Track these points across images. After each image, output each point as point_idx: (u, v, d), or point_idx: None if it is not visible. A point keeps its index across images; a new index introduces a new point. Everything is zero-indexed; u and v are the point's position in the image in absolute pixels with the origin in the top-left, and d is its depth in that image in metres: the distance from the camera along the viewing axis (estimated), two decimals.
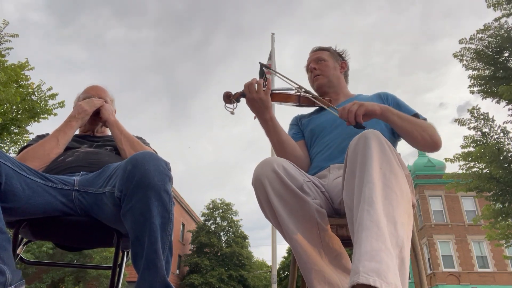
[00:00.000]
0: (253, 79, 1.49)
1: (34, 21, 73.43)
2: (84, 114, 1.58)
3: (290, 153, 1.54)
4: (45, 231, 1.29)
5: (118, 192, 1.09)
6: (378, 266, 0.76)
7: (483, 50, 9.10)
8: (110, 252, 16.28)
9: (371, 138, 1.01)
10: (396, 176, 0.95)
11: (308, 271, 1.08)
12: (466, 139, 9.54)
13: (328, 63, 1.74)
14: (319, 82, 1.72)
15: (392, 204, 0.89)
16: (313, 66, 1.75)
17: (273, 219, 1.19)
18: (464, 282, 19.93)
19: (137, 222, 1.04)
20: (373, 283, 0.73)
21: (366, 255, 0.78)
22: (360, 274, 0.75)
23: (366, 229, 0.83)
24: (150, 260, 1.01)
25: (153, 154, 1.12)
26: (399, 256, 0.83)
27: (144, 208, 1.04)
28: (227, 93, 1.51)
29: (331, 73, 1.73)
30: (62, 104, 8.44)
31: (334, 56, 1.79)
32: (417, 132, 1.41)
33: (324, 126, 1.60)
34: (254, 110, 1.49)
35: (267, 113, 1.49)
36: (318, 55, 1.77)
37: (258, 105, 1.46)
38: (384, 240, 0.81)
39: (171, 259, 1.07)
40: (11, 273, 0.94)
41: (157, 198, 1.05)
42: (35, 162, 1.38)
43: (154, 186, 1.05)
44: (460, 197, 21.72)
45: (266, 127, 1.52)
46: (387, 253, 0.80)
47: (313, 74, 1.74)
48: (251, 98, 1.46)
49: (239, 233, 28.04)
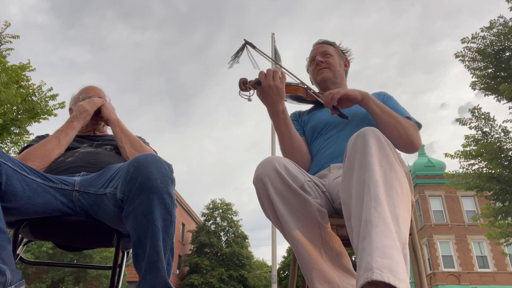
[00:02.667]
0: (268, 69, 1.44)
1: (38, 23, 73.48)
2: (86, 114, 1.58)
3: (298, 148, 1.51)
4: (45, 231, 1.29)
5: (120, 194, 1.09)
6: (390, 262, 0.76)
7: (485, 49, 9.11)
8: (110, 252, 16.28)
9: (370, 135, 1.00)
10: (396, 173, 0.95)
11: (308, 270, 1.08)
12: (467, 138, 9.57)
13: (334, 57, 1.72)
14: (324, 75, 1.68)
15: (394, 202, 0.89)
16: (320, 59, 1.70)
17: (273, 218, 1.19)
18: (464, 282, 19.92)
19: (139, 224, 1.04)
20: (387, 280, 0.73)
21: (378, 251, 0.78)
22: (374, 271, 0.75)
23: (376, 226, 0.83)
24: (151, 261, 1.01)
25: (156, 156, 1.12)
26: (403, 253, 0.83)
27: (146, 211, 1.04)
28: (243, 79, 1.41)
29: (337, 68, 1.70)
30: (62, 105, 8.44)
31: (339, 52, 1.77)
32: (393, 127, 1.38)
33: (324, 123, 1.59)
34: (267, 101, 1.43)
35: (281, 104, 1.43)
36: (324, 48, 1.74)
37: (274, 93, 1.40)
38: (393, 237, 0.82)
39: (172, 260, 1.08)
40: (11, 273, 0.94)
41: (160, 201, 1.05)
42: (36, 162, 1.38)
43: (156, 188, 1.05)
44: (460, 197, 21.72)
45: (277, 119, 1.45)
46: (396, 250, 0.80)
47: (319, 67, 1.70)
48: (267, 86, 1.39)
49: (239, 233, 28.04)
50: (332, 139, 1.52)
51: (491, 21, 9.10)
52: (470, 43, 9.25)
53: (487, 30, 9.09)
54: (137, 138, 1.60)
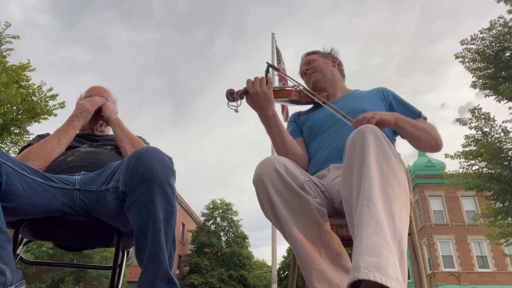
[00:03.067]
0: (255, 77, 1.49)
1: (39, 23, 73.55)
2: (86, 113, 1.58)
3: (290, 151, 1.54)
4: (45, 231, 1.29)
5: (122, 186, 1.10)
6: (378, 260, 0.77)
7: (484, 50, 9.12)
8: (110, 252, 16.28)
9: (368, 133, 1.01)
10: (393, 169, 0.95)
11: (308, 270, 1.08)
12: (467, 138, 9.58)
13: (317, 60, 1.79)
14: (314, 78, 1.76)
15: (389, 198, 0.90)
16: (305, 68, 1.80)
17: (273, 218, 1.19)
18: (464, 282, 19.92)
19: (141, 215, 1.05)
20: (373, 278, 0.74)
21: (366, 250, 0.79)
22: (361, 270, 0.75)
23: (366, 225, 0.83)
24: (153, 252, 1.02)
25: (157, 148, 1.13)
26: (399, 249, 0.83)
27: (148, 201, 1.04)
28: (230, 90, 1.48)
29: (323, 67, 1.77)
30: (62, 105, 8.45)
31: (323, 55, 1.84)
32: (424, 138, 1.46)
33: (322, 123, 1.61)
34: (256, 107, 1.48)
35: (270, 109, 1.48)
36: (307, 58, 1.84)
37: (262, 99, 1.45)
38: (384, 235, 0.82)
39: (174, 253, 1.08)
40: (11, 273, 0.94)
41: (161, 192, 1.06)
42: (37, 162, 1.38)
43: (158, 179, 1.05)
44: (460, 197, 21.72)
45: (268, 124, 1.50)
46: (386, 247, 0.80)
47: (307, 74, 1.79)
48: (254, 93, 1.45)
49: (239, 233, 28.03)
50: (329, 139, 1.54)
51: (491, 21, 9.11)
52: (470, 44, 9.27)
53: (486, 32, 9.11)
54: (138, 138, 1.61)
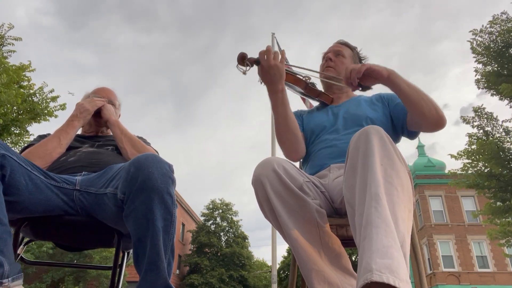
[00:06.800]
0: (267, 46, 1.44)
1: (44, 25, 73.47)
2: (86, 114, 1.58)
3: (293, 131, 1.51)
4: (46, 231, 1.29)
5: (121, 194, 1.10)
6: (390, 262, 0.76)
7: (489, 45, 9.13)
8: (110, 252, 16.27)
9: (372, 134, 1.00)
10: (397, 172, 0.95)
11: (308, 271, 1.08)
12: (470, 136, 9.59)
13: (345, 60, 1.71)
14: (328, 74, 1.70)
15: (393, 200, 0.89)
16: (330, 57, 1.72)
17: (272, 219, 1.19)
18: (464, 282, 19.91)
19: (140, 224, 1.05)
20: (387, 280, 0.73)
21: (378, 252, 0.78)
22: (374, 272, 0.75)
23: (376, 226, 0.83)
24: (152, 261, 1.02)
25: (157, 156, 1.12)
26: (402, 251, 0.83)
27: (147, 211, 1.04)
28: (242, 54, 1.43)
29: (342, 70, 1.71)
30: (63, 107, 8.47)
31: (354, 58, 1.76)
32: (424, 103, 1.34)
33: (324, 125, 1.60)
34: (267, 79, 1.43)
35: (280, 84, 1.43)
36: (339, 48, 1.74)
37: (274, 72, 1.40)
38: (393, 237, 0.81)
39: (173, 261, 1.08)
40: (9, 265, 0.94)
41: (160, 201, 1.05)
42: (37, 162, 1.38)
43: (157, 188, 1.05)
44: (460, 197, 21.70)
45: (276, 99, 1.46)
46: (397, 249, 0.80)
47: (327, 64, 1.72)
48: (267, 66, 1.40)
49: (239, 233, 28.02)
50: (331, 140, 1.53)
51: (494, 16, 9.11)
52: (478, 36, 9.26)
53: (493, 26, 9.09)
54: (138, 138, 1.61)
